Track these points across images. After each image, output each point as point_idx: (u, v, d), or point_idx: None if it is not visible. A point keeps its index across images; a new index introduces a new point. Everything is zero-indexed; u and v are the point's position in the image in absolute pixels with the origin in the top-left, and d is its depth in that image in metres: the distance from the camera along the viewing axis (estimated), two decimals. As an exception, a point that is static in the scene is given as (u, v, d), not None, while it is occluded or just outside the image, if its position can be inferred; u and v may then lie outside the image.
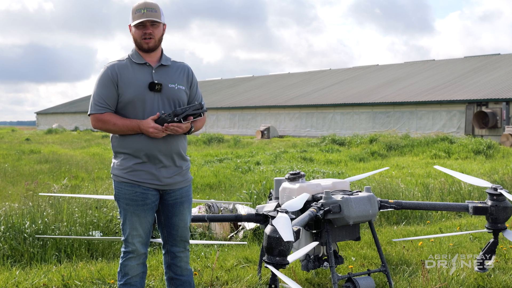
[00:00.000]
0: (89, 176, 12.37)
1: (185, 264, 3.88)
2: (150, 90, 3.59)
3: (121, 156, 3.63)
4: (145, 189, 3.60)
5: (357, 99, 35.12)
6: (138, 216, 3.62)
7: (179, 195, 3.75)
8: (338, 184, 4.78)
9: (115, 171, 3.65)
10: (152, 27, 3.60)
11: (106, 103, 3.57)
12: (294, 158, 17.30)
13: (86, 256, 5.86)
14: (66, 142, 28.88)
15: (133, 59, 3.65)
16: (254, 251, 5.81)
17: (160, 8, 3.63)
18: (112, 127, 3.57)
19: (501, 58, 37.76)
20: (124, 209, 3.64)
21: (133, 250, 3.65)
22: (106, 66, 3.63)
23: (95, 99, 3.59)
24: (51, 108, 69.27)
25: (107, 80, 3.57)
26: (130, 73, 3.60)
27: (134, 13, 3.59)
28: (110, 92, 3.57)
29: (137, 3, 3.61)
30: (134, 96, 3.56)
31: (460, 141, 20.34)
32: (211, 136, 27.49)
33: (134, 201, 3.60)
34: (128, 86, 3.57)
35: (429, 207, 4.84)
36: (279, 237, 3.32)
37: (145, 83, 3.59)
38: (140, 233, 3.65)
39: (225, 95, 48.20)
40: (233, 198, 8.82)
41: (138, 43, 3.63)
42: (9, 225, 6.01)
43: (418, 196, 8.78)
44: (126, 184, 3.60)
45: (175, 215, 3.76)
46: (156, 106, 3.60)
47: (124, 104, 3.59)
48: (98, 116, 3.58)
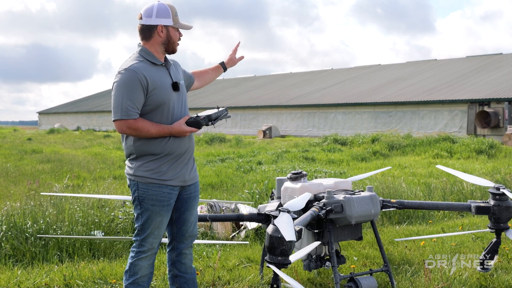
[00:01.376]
0: (91, 176, 12.37)
1: (190, 262, 3.91)
2: (174, 91, 3.65)
3: (146, 158, 3.60)
4: (171, 189, 3.65)
5: (359, 98, 35.09)
6: (162, 216, 3.66)
7: (193, 189, 3.83)
8: (340, 183, 4.78)
9: (140, 173, 3.60)
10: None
11: (136, 107, 3.50)
12: (296, 157, 17.29)
13: (88, 256, 5.85)
14: (68, 141, 28.89)
15: (150, 59, 3.62)
16: (256, 251, 5.81)
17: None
18: (145, 134, 3.52)
19: (503, 58, 37.71)
20: (148, 210, 3.62)
21: (148, 249, 3.67)
22: (129, 69, 3.50)
23: (126, 103, 3.47)
24: (53, 108, 69.31)
25: (136, 84, 3.48)
26: (155, 75, 3.58)
27: (174, 15, 3.63)
28: (140, 96, 3.50)
29: (171, 5, 3.65)
30: (164, 98, 3.58)
31: (462, 141, 20.31)
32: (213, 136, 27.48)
33: (161, 202, 3.62)
34: (158, 89, 3.56)
35: (431, 206, 4.83)
36: (281, 236, 3.32)
37: (169, 84, 3.63)
38: (161, 234, 3.72)
39: (227, 95, 48.17)
40: (235, 198, 8.81)
41: (171, 44, 3.67)
42: (11, 224, 6.01)
43: (420, 196, 8.77)
44: (153, 185, 3.60)
45: (187, 210, 3.82)
46: (177, 106, 3.67)
47: (152, 107, 3.56)
48: (131, 122, 3.49)
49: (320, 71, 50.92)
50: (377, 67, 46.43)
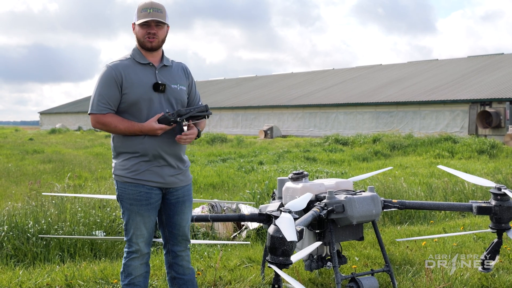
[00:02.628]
0: (92, 176, 12.38)
1: (187, 263, 3.88)
2: (154, 91, 3.57)
3: (123, 156, 3.61)
4: (149, 189, 3.60)
5: (360, 98, 35.07)
6: (142, 216, 3.61)
7: (181, 194, 3.75)
8: (342, 184, 4.78)
9: (118, 172, 3.63)
10: (157, 28, 3.59)
11: (108, 103, 3.54)
12: (297, 158, 17.29)
13: (89, 256, 5.86)
14: (70, 142, 28.91)
15: (136, 58, 3.62)
16: (257, 251, 5.81)
17: (165, 10, 3.62)
18: (113, 129, 3.55)
19: (504, 58, 37.66)
20: (128, 209, 3.62)
21: (136, 250, 3.64)
22: (109, 65, 3.58)
23: (97, 98, 3.54)
24: (54, 108, 69.35)
25: (110, 80, 3.53)
26: (134, 73, 3.57)
27: (140, 11, 3.57)
28: (113, 92, 3.53)
29: (144, 2, 3.59)
30: (139, 97, 3.54)
31: (463, 141, 20.30)
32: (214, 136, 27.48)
33: (138, 201, 3.59)
34: (133, 87, 3.54)
35: (433, 207, 4.83)
36: (282, 237, 3.32)
37: (150, 83, 3.58)
38: (144, 233, 3.65)
39: (228, 95, 48.17)
40: (236, 198, 8.81)
41: (141, 41, 3.61)
42: (13, 225, 6.02)
43: (422, 196, 8.77)
44: (130, 184, 3.59)
45: (177, 214, 3.76)
46: (159, 107, 3.59)
47: (128, 105, 3.56)
48: (99, 116, 3.54)
49: (321, 71, 50.89)
50: (379, 67, 46.39)
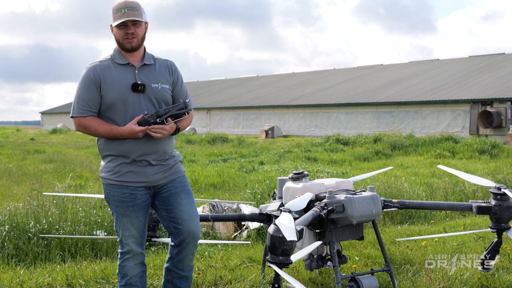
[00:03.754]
0: (93, 176, 12.40)
1: (189, 261, 3.79)
2: (133, 91, 3.52)
3: (107, 159, 3.60)
4: (133, 190, 3.56)
5: (361, 98, 35.07)
6: (129, 217, 3.58)
7: (172, 186, 3.68)
8: (342, 183, 4.78)
9: (102, 174, 3.62)
10: (134, 27, 3.53)
11: (88, 105, 3.51)
12: (298, 157, 17.30)
13: (90, 256, 5.87)
14: (71, 141, 28.94)
15: (116, 59, 3.58)
16: (258, 251, 5.82)
17: (141, 7, 3.56)
18: (93, 132, 3.53)
19: (505, 58, 37.64)
20: (115, 210, 3.61)
21: (128, 250, 3.63)
22: (88, 67, 3.55)
23: (77, 101, 3.52)
24: (55, 108, 69.38)
25: (89, 82, 3.51)
26: (112, 74, 3.53)
27: (114, 12, 3.51)
28: (92, 94, 3.51)
29: (117, 2, 3.53)
30: (117, 97, 3.50)
31: (464, 141, 20.30)
32: (215, 136, 27.50)
33: (123, 203, 3.56)
34: (110, 88, 3.50)
35: (433, 206, 4.84)
36: (282, 236, 3.33)
37: (128, 84, 3.53)
38: (133, 234, 3.61)
39: (229, 95, 48.19)
40: (237, 198, 8.82)
41: (120, 43, 3.56)
42: (14, 224, 6.03)
43: (422, 196, 8.77)
44: (114, 186, 3.57)
45: (175, 208, 3.68)
46: (139, 107, 3.54)
47: (107, 106, 3.53)
48: (80, 119, 3.53)
49: (322, 71, 50.89)
50: (380, 67, 46.39)
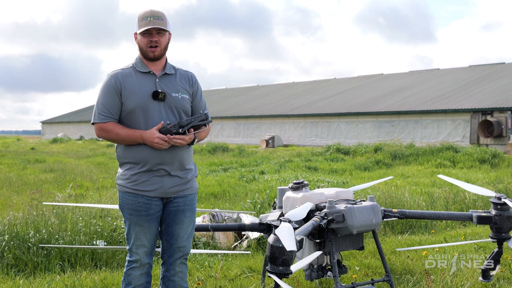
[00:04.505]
0: (93, 186, 12.39)
1: (180, 280, 3.75)
2: (153, 99, 3.56)
3: (125, 166, 3.62)
4: (148, 199, 3.58)
5: (362, 108, 35.10)
6: (142, 227, 3.59)
7: (182, 202, 3.69)
8: (342, 193, 4.78)
9: (119, 181, 3.64)
10: (158, 35, 3.58)
11: (109, 112, 3.56)
12: (299, 167, 17.29)
13: (90, 266, 5.85)
14: (71, 151, 28.95)
15: (137, 67, 3.63)
16: (258, 261, 5.80)
17: (166, 17, 3.61)
18: (115, 136, 3.55)
19: (505, 67, 37.69)
20: (128, 219, 3.62)
21: (136, 259, 3.62)
22: (110, 74, 3.61)
23: (98, 107, 3.58)
24: (56, 117, 69.48)
25: (111, 89, 3.56)
26: (133, 81, 3.58)
27: (140, 20, 3.57)
28: (113, 101, 3.55)
29: (144, 11, 3.59)
30: (137, 104, 3.54)
31: (465, 150, 20.30)
32: (215, 145, 27.50)
33: (137, 211, 3.58)
34: (131, 95, 3.55)
35: (433, 216, 4.84)
36: (282, 246, 3.32)
37: (149, 92, 3.57)
38: (144, 243, 3.62)
39: (229, 105, 48.25)
40: (237, 208, 8.81)
41: (143, 51, 3.61)
42: (13, 234, 6.02)
43: (423, 206, 8.76)
44: (129, 194, 3.59)
45: (176, 223, 3.69)
46: (159, 115, 3.57)
47: (127, 113, 3.57)
48: (101, 125, 3.57)
49: (323, 81, 50.97)
50: (380, 76, 46.46)
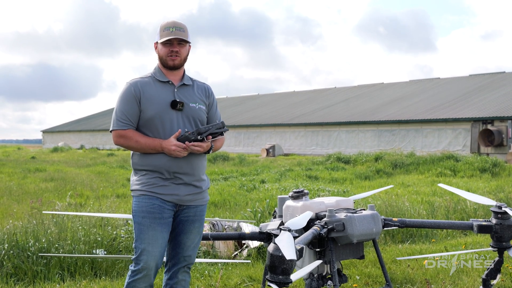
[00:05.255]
0: (93, 194, 12.38)
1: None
2: (172, 108, 3.62)
3: (141, 173, 3.63)
4: (162, 202, 3.58)
5: (362, 117, 35.14)
6: (155, 230, 3.54)
7: (193, 213, 3.73)
8: (342, 202, 4.77)
9: (135, 187, 3.64)
10: (179, 46, 3.66)
11: (128, 119, 3.59)
12: (299, 176, 17.28)
13: (90, 275, 5.84)
14: (72, 160, 28.94)
15: (156, 76, 3.69)
16: (258, 270, 5.79)
17: (187, 29, 3.68)
18: (134, 144, 3.58)
19: (506, 76, 37.77)
20: (139, 223, 3.57)
21: (143, 268, 3.52)
22: (129, 82, 3.66)
23: (117, 115, 3.61)
24: (57, 126, 69.56)
25: (130, 97, 3.60)
26: (152, 90, 3.63)
27: (162, 30, 3.64)
28: (132, 109, 3.60)
29: (166, 21, 3.67)
30: (156, 113, 3.59)
31: (465, 159, 20.29)
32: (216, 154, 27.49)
33: (151, 214, 3.55)
34: (150, 103, 3.59)
35: (433, 225, 4.82)
36: (282, 255, 3.31)
37: (168, 101, 3.62)
38: (156, 251, 3.54)
39: (230, 114, 48.32)
40: (237, 217, 8.80)
41: (163, 60, 3.67)
42: (13, 243, 6.01)
43: (424, 215, 8.74)
44: (144, 197, 3.58)
45: (184, 233, 3.71)
46: (177, 124, 3.62)
47: (145, 121, 3.61)
48: (120, 132, 3.60)
49: (323, 90, 51.06)
50: (380, 85, 46.54)
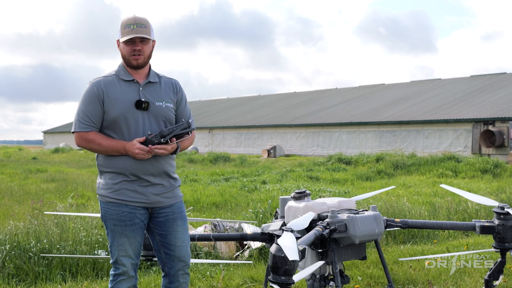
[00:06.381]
0: (94, 195, 12.37)
1: None
2: (136, 108, 3.47)
3: (107, 176, 3.50)
4: (132, 209, 3.47)
5: (364, 118, 35.13)
6: (127, 237, 3.48)
7: (170, 211, 3.60)
8: (344, 203, 4.76)
9: (101, 191, 3.52)
10: (142, 44, 3.49)
11: (91, 120, 3.45)
12: (301, 177, 17.27)
13: (91, 275, 5.83)
14: (73, 161, 28.95)
15: (120, 75, 3.53)
16: (260, 271, 5.78)
17: (150, 24, 3.51)
18: (96, 147, 3.45)
19: (507, 77, 37.75)
20: (112, 230, 3.50)
21: (123, 272, 3.48)
22: (92, 82, 3.50)
23: (79, 116, 3.47)
24: (58, 127, 69.57)
25: (93, 97, 3.45)
26: (116, 90, 3.48)
27: (123, 28, 3.46)
28: (95, 109, 3.45)
29: (127, 18, 3.49)
30: (120, 114, 3.44)
31: (467, 160, 20.28)
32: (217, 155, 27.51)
33: (122, 221, 3.46)
34: (114, 104, 3.44)
35: (436, 226, 4.81)
36: (284, 256, 3.30)
37: (132, 100, 3.47)
38: (130, 254, 3.50)
39: (231, 114, 48.31)
40: (239, 217, 8.79)
41: (126, 59, 3.51)
42: (15, 244, 6.00)
43: (425, 215, 8.74)
44: (112, 204, 3.47)
45: (170, 233, 3.60)
46: (142, 124, 3.49)
47: (109, 122, 3.47)
48: (82, 134, 3.47)
49: (324, 90, 51.05)
50: (381, 86, 46.53)
